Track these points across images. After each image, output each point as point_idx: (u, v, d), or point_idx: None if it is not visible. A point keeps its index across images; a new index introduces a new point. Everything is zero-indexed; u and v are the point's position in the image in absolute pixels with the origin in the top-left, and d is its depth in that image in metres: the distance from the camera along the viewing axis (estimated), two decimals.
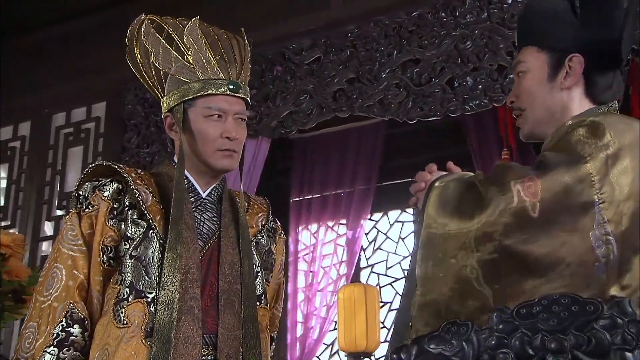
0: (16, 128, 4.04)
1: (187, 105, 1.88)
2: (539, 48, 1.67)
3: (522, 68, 1.68)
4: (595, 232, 1.40)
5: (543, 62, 1.65)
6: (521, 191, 1.40)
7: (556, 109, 1.64)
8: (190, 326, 1.73)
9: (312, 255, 5.22)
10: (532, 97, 1.66)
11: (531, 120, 1.67)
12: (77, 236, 1.79)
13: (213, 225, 1.89)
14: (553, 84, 1.64)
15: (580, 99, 1.64)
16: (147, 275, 1.75)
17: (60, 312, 1.73)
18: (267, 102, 3.21)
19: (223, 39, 1.97)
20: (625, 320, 1.18)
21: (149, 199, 1.82)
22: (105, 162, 1.90)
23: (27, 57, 4.04)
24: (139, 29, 1.96)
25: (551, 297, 1.25)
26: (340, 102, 3.05)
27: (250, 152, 3.23)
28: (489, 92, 2.79)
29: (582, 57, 1.62)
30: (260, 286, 1.93)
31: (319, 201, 5.29)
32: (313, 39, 3.16)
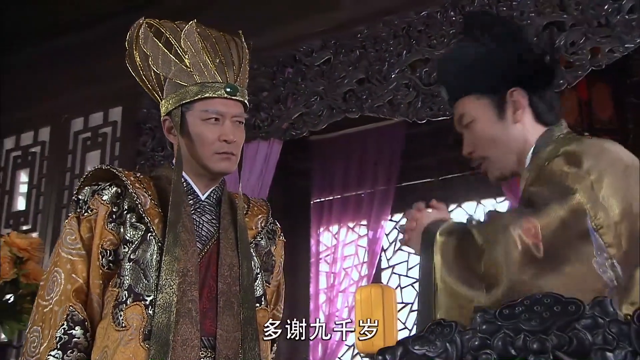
0: (36, 133, 4.11)
1: (184, 109, 1.89)
2: (477, 95, 1.70)
3: (467, 119, 1.71)
4: (597, 259, 1.43)
5: (486, 106, 1.69)
6: (522, 235, 1.43)
7: (517, 144, 1.68)
8: (189, 329, 1.73)
9: (333, 257, 5.23)
10: (491, 141, 1.69)
11: (498, 163, 1.70)
12: (76, 240, 1.81)
13: (212, 228, 1.90)
14: (505, 122, 1.68)
15: (533, 127, 1.69)
16: (145, 279, 1.76)
17: (61, 315, 1.75)
18: (278, 104, 3.22)
19: (221, 42, 1.97)
20: (607, 320, 1.16)
21: (148, 202, 1.83)
22: (105, 166, 1.92)
23: (47, 63, 4.09)
24: (137, 33, 1.97)
25: (534, 297, 1.24)
26: (350, 103, 3.04)
27: (262, 154, 3.25)
28: None
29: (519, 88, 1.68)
30: (260, 288, 1.94)
31: (339, 202, 5.29)
32: (323, 41, 3.17)
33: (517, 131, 1.68)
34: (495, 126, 1.68)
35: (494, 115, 1.68)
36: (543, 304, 1.23)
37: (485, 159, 1.71)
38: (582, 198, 1.45)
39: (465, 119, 1.71)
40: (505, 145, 1.68)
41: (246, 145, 3.20)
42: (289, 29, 3.29)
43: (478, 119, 1.69)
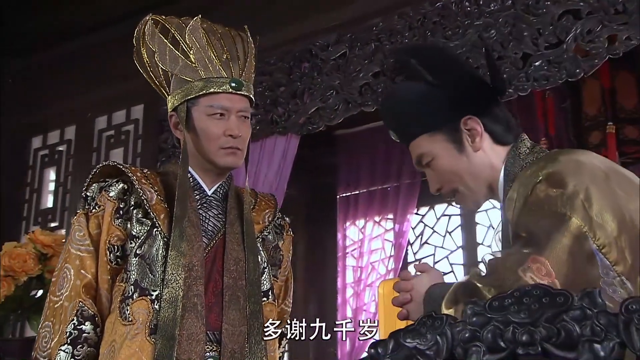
0: (63, 132, 4.16)
1: (190, 104, 1.91)
2: (430, 132, 1.65)
3: (427, 159, 1.66)
4: (605, 279, 1.39)
5: (442, 141, 1.64)
6: (534, 277, 1.37)
7: (482, 171, 1.65)
8: (194, 323, 1.75)
9: (359, 251, 5.23)
10: (457, 175, 1.65)
11: (469, 195, 1.67)
12: (85, 236, 1.84)
13: (218, 223, 1.91)
14: (465, 152, 1.64)
15: (494, 151, 1.66)
16: (151, 273, 1.78)
17: (71, 311, 1.79)
18: (295, 99, 3.21)
19: (226, 37, 1.98)
20: (595, 312, 1.15)
21: (154, 198, 1.85)
22: (112, 163, 1.95)
23: (71, 63, 4.14)
24: (144, 30, 1.98)
25: (523, 288, 1.23)
26: (365, 97, 3.03)
27: (280, 149, 3.25)
28: (514, 81, 2.72)
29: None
30: (267, 282, 1.95)
31: (365, 196, 5.29)
32: (339, 35, 3.15)
33: (479, 159, 1.64)
34: (457, 159, 1.63)
35: (452, 149, 1.64)
36: (532, 296, 1.22)
37: (455, 192, 1.67)
38: (578, 221, 1.41)
39: (424, 159, 1.67)
40: (471, 176, 1.64)
41: (264, 141, 3.25)
42: (305, 23, 3.28)
43: (437, 156, 1.64)
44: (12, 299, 3.01)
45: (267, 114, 3.28)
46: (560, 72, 2.66)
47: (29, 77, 4.40)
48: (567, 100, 3.83)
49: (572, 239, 1.40)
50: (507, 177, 1.62)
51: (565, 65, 2.65)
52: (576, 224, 1.41)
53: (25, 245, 3.20)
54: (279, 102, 3.26)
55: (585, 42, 2.64)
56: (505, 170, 1.63)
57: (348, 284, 5.22)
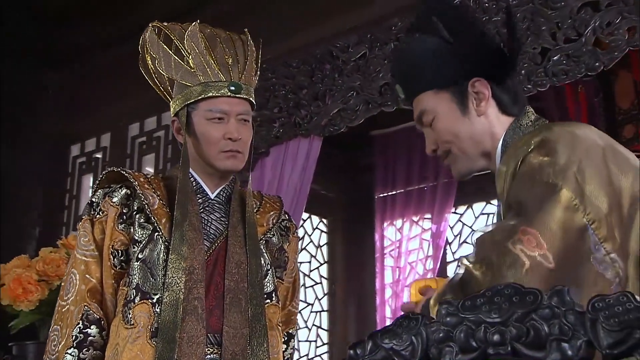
0: (99, 140, 4.26)
1: (190, 109, 1.93)
2: (437, 89, 1.60)
3: (428, 116, 1.61)
4: (595, 256, 1.35)
5: (447, 100, 1.60)
6: (524, 249, 1.31)
7: (483, 137, 1.60)
8: (195, 326, 1.77)
9: (398, 251, 5.22)
10: (456, 136, 1.60)
11: (463, 158, 1.61)
12: (90, 242, 1.87)
13: (221, 226, 1.93)
14: (469, 115, 1.60)
15: (498, 119, 1.61)
16: (152, 277, 1.81)
17: (77, 314, 1.82)
18: (316, 101, 3.22)
19: (225, 41, 1.99)
20: (563, 310, 1.13)
21: (156, 202, 1.87)
22: (116, 169, 1.97)
23: (107, 73, 4.24)
24: (147, 37, 2.01)
25: (495, 288, 1.22)
26: (385, 97, 3.02)
27: (303, 151, 3.26)
28: (532, 76, 2.68)
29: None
30: (271, 284, 1.95)
31: (403, 196, 5.28)
32: (359, 36, 3.15)
33: (481, 125, 1.59)
34: (459, 121, 1.59)
35: (456, 110, 1.59)
36: (503, 295, 1.20)
37: (449, 154, 1.62)
38: (569, 192, 1.36)
39: (426, 116, 1.62)
40: (470, 141, 1.59)
41: (287, 143, 3.27)
42: (326, 26, 3.29)
43: (439, 114, 1.60)
44: (46, 303, 3.08)
45: (291, 117, 3.30)
46: (579, 66, 2.61)
47: (67, 88, 4.53)
48: (599, 94, 3.74)
49: (563, 210, 1.35)
50: (505, 148, 1.58)
51: (585, 59, 2.60)
52: (567, 196, 1.36)
53: (59, 250, 3.29)
54: (301, 105, 3.27)
55: (605, 35, 2.58)
56: (503, 140, 1.59)
57: (387, 285, 5.20)
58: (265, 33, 3.45)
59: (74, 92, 4.47)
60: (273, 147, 3.34)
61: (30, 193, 4.31)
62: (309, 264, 5.39)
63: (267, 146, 3.35)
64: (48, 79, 4.57)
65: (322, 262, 5.50)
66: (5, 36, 4.31)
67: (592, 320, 1.10)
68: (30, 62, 4.49)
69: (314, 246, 5.46)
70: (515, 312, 1.18)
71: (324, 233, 5.55)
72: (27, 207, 4.27)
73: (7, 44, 4.32)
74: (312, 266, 5.41)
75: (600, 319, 1.09)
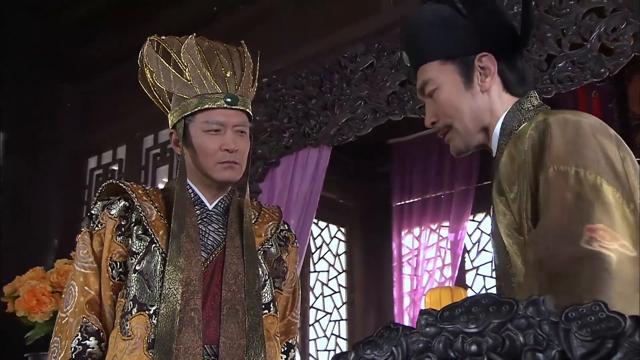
0: (115, 152, 4.32)
1: (187, 121, 1.94)
2: (442, 60, 1.57)
3: (431, 86, 1.58)
4: None
5: (452, 72, 1.56)
6: (604, 244, 1.22)
7: (483, 114, 1.56)
8: (191, 337, 1.77)
9: (416, 260, 5.21)
10: (457, 110, 1.56)
11: (463, 133, 1.57)
12: (88, 254, 1.89)
13: (219, 237, 1.93)
14: (472, 90, 1.56)
15: (500, 97, 1.57)
16: (149, 289, 1.81)
17: (76, 326, 1.84)
18: (325, 111, 3.24)
19: (222, 53, 2.00)
20: (538, 320, 1.12)
21: (153, 214, 1.89)
22: (115, 181, 1.99)
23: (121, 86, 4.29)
24: (145, 51, 2.03)
25: (473, 297, 1.21)
26: (392, 106, 3.03)
27: (313, 161, 3.28)
28: (538, 84, 2.67)
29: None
30: (269, 294, 1.95)
31: (420, 204, 5.28)
32: (366, 45, 3.17)
33: (482, 101, 1.56)
34: (461, 94, 1.56)
35: (460, 83, 1.56)
36: (481, 305, 1.19)
37: (449, 128, 1.58)
38: (611, 187, 1.31)
39: (428, 87, 1.58)
40: (470, 116, 1.56)
41: (297, 154, 3.29)
42: (334, 36, 3.31)
43: (443, 85, 1.56)
44: None
45: (300, 127, 3.32)
46: (585, 73, 2.60)
47: (84, 102, 4.60)
48: (613, 99, 3.71)
49: (614, 203, 1.29)
50: (504, 130, 1.54)
51: (590, 65, 2.59)
52: (610, 190, 1.30)
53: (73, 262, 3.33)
54: (310, 115, 3.29)
55: (610, 41, 2.57)
56: (503, 121, 1.54)
57: (405, 293, 5.20)
58: (275, 44, 3.50)
59: (90, 106, 4.55)
60: (283, 157, 3.36)
61: (49, 205, 4.38)
62: (327, 273, 5.40)
63: (277, 156, 3.37)
64: (66, 93, 4.65)
65: (341, 270, 5.50)
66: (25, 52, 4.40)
67: (566, 330, 1.09)
68: (49, 76, 4.58)
69: (332, 255, 5.47)
70: (491, 322, 1.17)
71: (342, 242, 5.55)
72: (47, 219, 4.35)
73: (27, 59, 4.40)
74: (330, 275, 5.41)
75: (573, 329, 1.09)
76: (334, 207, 5.46)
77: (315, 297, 5.25)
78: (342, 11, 3.32)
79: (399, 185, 5.38)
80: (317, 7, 3.43)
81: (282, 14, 3.59)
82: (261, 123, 3.43)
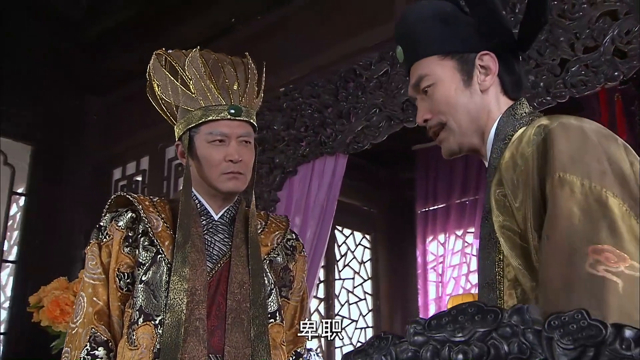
0: (138, 163, 4.38)
1: (192, 133, 1.97)
2: (442, 55, 1.52)
3: (428, 82, 1.51)
4: None
5: (451, 68, 1.51)
6: (609, 268, 1.15)
7: (480, 114, 1.50)
8: (196, 346, 1.79)
9: (442, 266, 5.18)
10: (453, 107, 1.50)
11: (457, 132, 1.50)
12: (97, 265, 1.92)
13: (224, 247, 1.95)
14: (471, 88, 1.51)
15: (497, 99, 1.52)
16: (155, 299, 1.84)
17: (84, 337, 1.86)
18: (341, 119, 3.25)
19: (226, 65, 2.02)
20: (522, 329, 1.12)
21: (160, 225, 1.91)
22: (123, 193, 2.02)
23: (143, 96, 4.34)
24: (151, 65, 2.07)
25: (460, 306, 1.21)
26: (407, 113, 3.02)
27: (330, 169, 3.29)
28: (551, 88, 2.65)
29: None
30: (274, 303, 1.96)
31: (443, 211, 5.25)
32: (380, 53, 3.17)
33: (480, 100, 1.50)
34: (460, 91, 1.50)
35: (459, 80, 1.50)
36: (467, 314, 1.19)
37: (442, 126, 1.51)
38: (617, 199, 1.24)
39: (424, 82, 1.52)
40: (467, 115, 1.50)
41: (314, 162, 3.30)
42: (349, 44, 3.32)
43: (440, 81, 1.50)
44: None
45: (316, 135, 3.33)
46: (598, 77, 2.57)
47: (108, 114, 4.67)
48: (635, 101, 3.66)
49: (620, 217, 1.21)
50: (498, 135, 1.49)
51: (603, 68, 2.56)
52: (616, 202, 1.23)
53: None
54: (326, 123, 3.30)
55: (624, 44, 2.54)
56: (497, 125, 1.49)
57: (431, 300, 5.17)
58: (292, 54, 3.52)
59: (114, 117, 4.61)
60: (300, 166, 3.37)
61: (74, 216, 4.45)
62: (352, 281, 5.39)
63: (294, 165, 3.38)
64: (91, 105, 4.73)
65: (366, 278, 5.49)
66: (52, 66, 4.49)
67: (548, 339, 1.08)
68: (74, 89, 4.66)
69: (357, 262, 5.47)
70: (477, 331, 1.17)
71: (367, 249, 5.55)
72: (72, 230, 4.41)
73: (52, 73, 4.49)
74: (355, 282, 5.40)
75: (556, 337, 1.08)
76: (358, 214, 5.46)
77: (340, 304, 5.25)
78: (356, 20, 3.33)
79: (423, 192, 5.36)
80: (331, 17, 3.45)
81: (298, 24, 3.61)
82: (279, 132, 3.45)
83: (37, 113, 4.49)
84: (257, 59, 2.08)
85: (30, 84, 4.41)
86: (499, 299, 1.41)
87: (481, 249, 1.50)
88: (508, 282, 1.40)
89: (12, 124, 4.44)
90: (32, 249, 4.34)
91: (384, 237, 5.55)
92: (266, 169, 3.45)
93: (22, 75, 4.37)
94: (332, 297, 5.15)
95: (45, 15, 4.48)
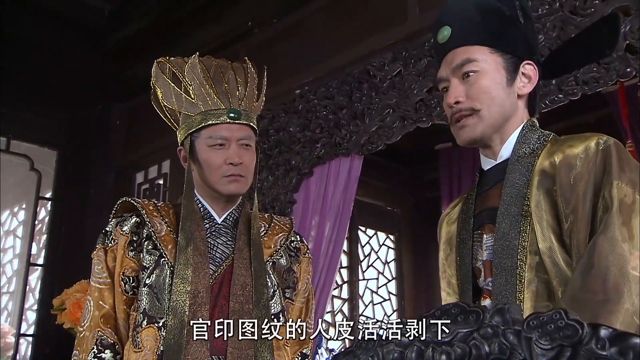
0: (160, 167, 4.43)
1: (193, 138, 2.00)
2: (492, 49, 1.57)
3: (475, 67, 1.57)
4: None
5: (498, 64, 1.57)
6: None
7: (510, 114, 1.58)
8: (198, 348, 1.80)
9: None
10: (492, 99, 1.56)
11: (486, 123, 1.56)
12: (103, 269, 1.95)
13: (227, 249, 1.97)
14: (511, 89, 1.58)
15: (523, 110, 1.61)
16: (158, 302, 1.86)
17: (91, 340, 1.90)
18: (355, 120, 3.25)
19: (228, 70, 2.05)
20: (503, 329, 1.12)
21: (163, 229, 1.94)
22: (128, 199, 2.05)
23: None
24: (154, 73, 2.10)
25: (444, 307, 1.22)
26: (420, 112, 3.02)
27: (345, 170, 3.29)
28: (563, 86, 2.62)
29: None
30: (278, 305, 1.97)
31: None
32: (394, 53, 3.17)
33: (514, 105, 1.58)
34: (502, 87, 1.57)
35: (504, 77, 1.57)
36: (450, 314, 1.20)
37: (473, 112, 1.56)
38: None
39: (469, 67, 1.56)
40: (500, 112, 1.56)
41: (330, 163, 3.31)
42: (362, 46, 3.32)
43: (488, 72, 1.56)
44: None
45: (331, 137, 3.34)
46: (610, 73, 2.54)
47: (131, 119, 4.73)
48: None
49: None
50: (521, 139, 1.58)
51: (615, 65, 2.52)
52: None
53: None
54: (341, 124, 3.31)
55: (636, 40, 2.50)
56: (522, 130, 1.58)
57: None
58: (307, 56, 3.54)
59: (137, 123, 4.67)
60: (316, 167, 3.39)
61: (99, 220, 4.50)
62: (376, 281, 5.38)
63: (310, 166, 3.39)
64: (114, 111, 4.80)
65: (390, 278, 5.48)
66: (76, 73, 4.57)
67: (527, 339, 1.09)
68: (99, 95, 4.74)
69: (381, 263, 5.46)
70: (459, 332, 1.18)
71: (391, 249, 5.54)
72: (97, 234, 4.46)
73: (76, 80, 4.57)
74: (379, 283, 5.40)
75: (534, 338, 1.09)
76: (382, 215, 5.46)
77: (364, 305, 5.25)
78: (369, 21, 3.33)
79: (447, 191, 5.33)
80: (345, 19, 3.45)
81: (312, 27, 3.62)
82: (294, 134, 3.47)
83: (62, 120, 4.57)
84: (273, 62, 2.11)
85: (55, 91, 4.49)
86: (519, 284, 1.49)
87: (499, 238, 1.54)
88: (530, 268, 1.48)
89: (39, 130, 4.53)
90: (58, 253, 4.42)
91: (408, 237, 5.54)
92: (282, 171, 3.47)
93: (48, 83, 4.45)
94: (356, 297, 5.15)
95: (70, 24, 4.56)
